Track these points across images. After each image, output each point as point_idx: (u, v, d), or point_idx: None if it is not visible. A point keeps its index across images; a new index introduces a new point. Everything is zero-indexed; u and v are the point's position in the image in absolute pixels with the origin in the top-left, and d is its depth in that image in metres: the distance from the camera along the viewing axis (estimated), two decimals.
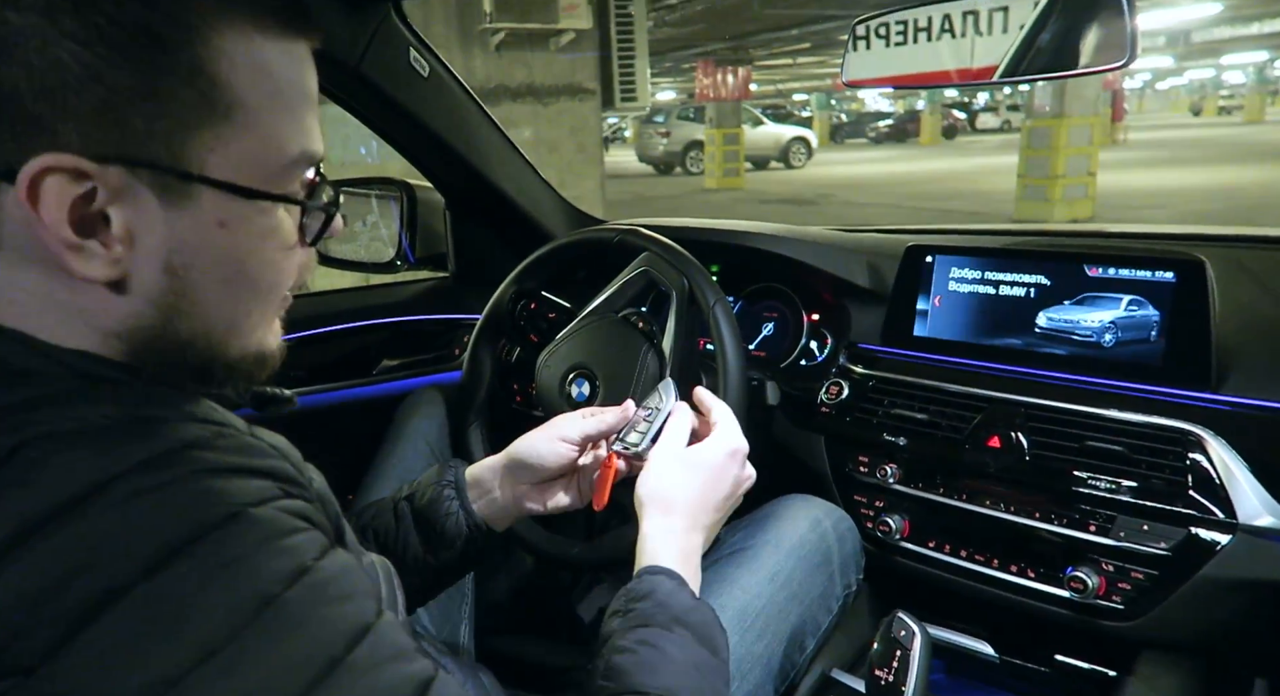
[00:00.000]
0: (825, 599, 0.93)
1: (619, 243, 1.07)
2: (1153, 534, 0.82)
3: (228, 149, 0.41)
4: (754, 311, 1.28)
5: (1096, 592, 0.84)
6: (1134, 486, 0.83)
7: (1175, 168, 11.54)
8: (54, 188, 0.37)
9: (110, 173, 0.38)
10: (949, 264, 1.05)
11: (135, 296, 0.41)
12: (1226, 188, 9.10)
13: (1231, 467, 0.79)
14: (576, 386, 1.03)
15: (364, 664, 0.36)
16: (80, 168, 0.37)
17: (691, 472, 0.69)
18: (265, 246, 0.44)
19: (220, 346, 0.45)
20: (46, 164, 0.37)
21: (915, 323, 1.07)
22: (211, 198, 0.41)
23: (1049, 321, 0.97)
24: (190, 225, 0.41)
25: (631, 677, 0.52)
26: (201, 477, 0.36)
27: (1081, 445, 0.88)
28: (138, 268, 0.40)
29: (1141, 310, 0.90)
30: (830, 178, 13.36)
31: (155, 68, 0.38)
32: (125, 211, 0.39)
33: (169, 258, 0.41)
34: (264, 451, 0.40)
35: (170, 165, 0.39)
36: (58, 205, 0.37)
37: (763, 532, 0.94)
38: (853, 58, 0.95)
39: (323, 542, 0.39)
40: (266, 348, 0.48)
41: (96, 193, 0.38)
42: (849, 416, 1.07)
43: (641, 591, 0.59)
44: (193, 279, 0.42)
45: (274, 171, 0.43)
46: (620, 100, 6.21)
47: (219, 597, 0.34)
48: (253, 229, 0.43)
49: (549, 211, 1.40)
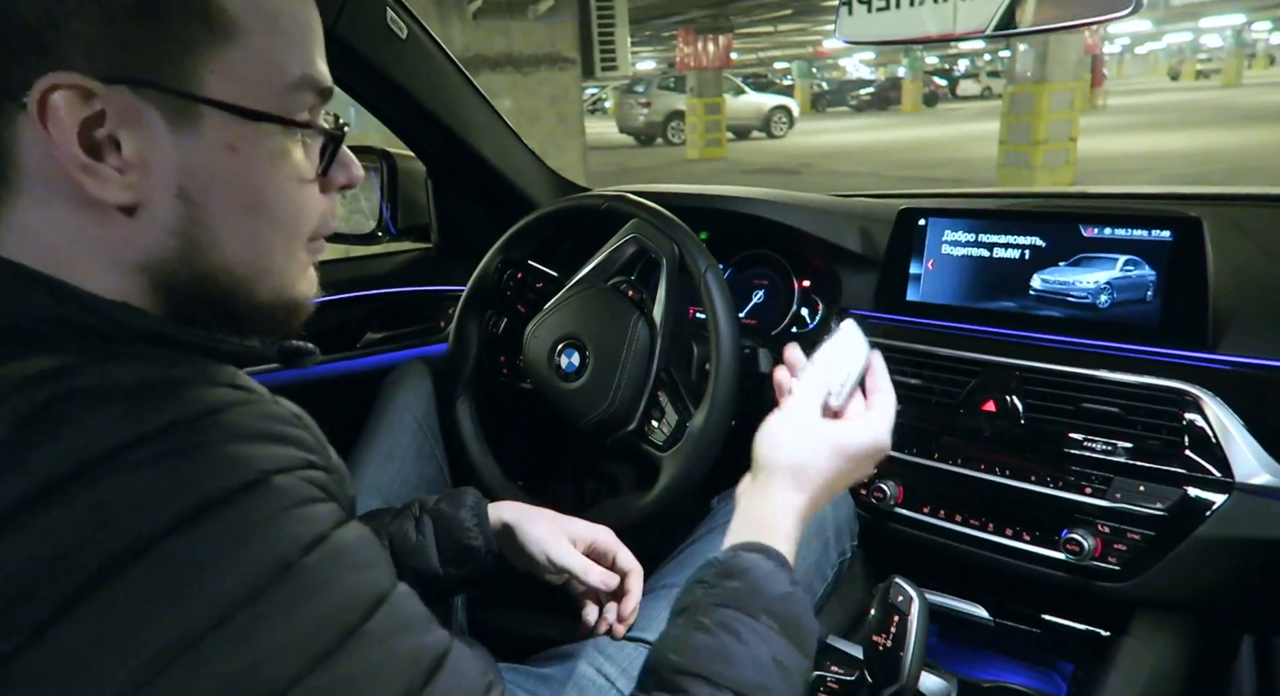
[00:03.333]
0: (820, 566, 0.93)
1: (607, 209, 1.05)
2: (1149, 494, 0.81)
3: (229, 71, 0.41)
4: (744, 278, 1.26)
5: (1092, 554, 0.84)
6: (1130, 447, 0.83)
7: (1154, 132, 11.57)
8: (62, 106, 0.38)
9: (116, 93, 0.39)
10: (942, 227, 1.04)
11: (153, 224, 0.41)
12: (1205, 151, 9.14)
13: (1228, 426, 0.79)
14: (566, 357, 1.02)
15: (381, 632, 0.36)
16: (86, 86, 0.38)
17: (839, 453, 0.61)
18: (278, 174, 0.44)
19: (246, 284, 0.45)
20: (53, 82, 0.38)
21: (908, 287, 1.06)
22: (217, 120, 0.41)
23: (1044, 283, 0.96)
24: (200, 149, 0.41)
25: (704, 661, 0.50)
26: (228, 442, 0.36)
27: (1077, 407, 0.87)
28: (152, 193, 0.41)
29: (1138, 270, 0.89)
30: (813, 146, 13.29)
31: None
32: (134, 135, 0.40)
33: (182, 182, 0.41)
34: (289, 420, 0.40)
35: (173, 86, 0.40)
36: (68, 124, 0.38)
37: None
38: (845, 19, 0.92)
39: (340, 513, 0.39)
40: (299, 293, 0.48)
41: (105, 116, 0.39)
42: None
43: (736, 567, 0.55)
44: (208, 206, 0.42)
45: (277, 95, 0.43)
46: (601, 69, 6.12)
47: (238, 561, 0.34)
48: (263, 154, 0.43)
49: (534, 179, 1.37)
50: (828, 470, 0.61)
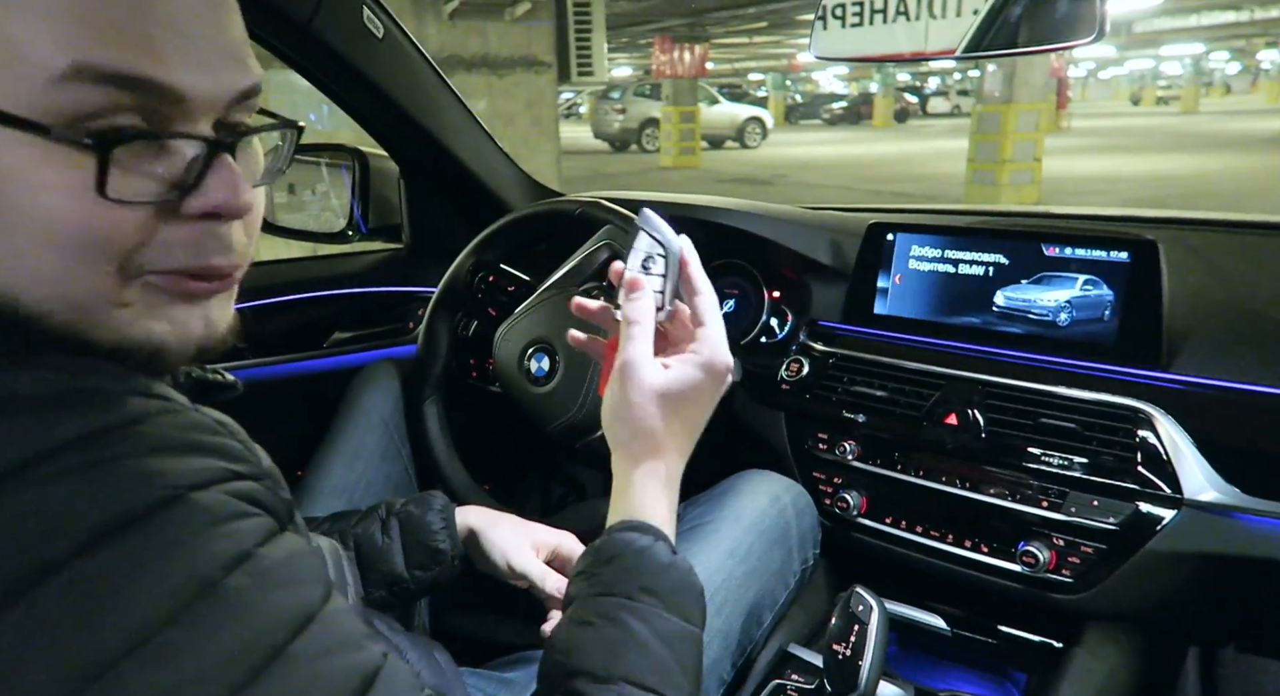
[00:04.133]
0: (783, 574, 0.94)
1: (581, 215, 1.05)
2: (1102, 509, 0.84)
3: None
4: (715, 288, 1.26)
5: (1047, 567, 0.86)
6: (1085, 463, 0.85)
7: (1116, 155, 11.89)
8: None
9: None
10: (910, 242, 1.06)
11: None
12: (1163, 175, 9.42)
13: (1179, 444, 0.81)
14: (536, 361, 1.01)
15: (308, 653, 0.35)
16: None
17: (678, 402, 0.58)
18: (32, 188, 0.35)
19: (47, 319, 0.37)
20: None
21: (876, 300, 1.08)
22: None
23: (1007, 300, 0.98)
24: None
25: (587, 656, 0.49)
26: (143, 455, 0.33)
27: (1036, 422, 0.89)
28: None
29: (1096, 290, 0.92)
30: (785, 158, 13.43)
31: None
32: None
33: None
34: (211, 428, 0.37)
35: None
36: None
37: (722, 508, 0.94)
38: (820, 34, 0.94)
39: (269, 527, 0.37)
40: (149, 337, 0.40)
41: None
42: (809, 393, 1.07)
43: (608, 553, 0.54)
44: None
45: (32, 92, 0.34)
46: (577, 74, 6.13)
47: (154, 582, 0.32)
48: (22, 167, 0.35)
49: (508, 182, 1.37)
50: (675, 423, 0.58)
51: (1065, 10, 0.66)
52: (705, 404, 0.61)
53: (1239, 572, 0.81)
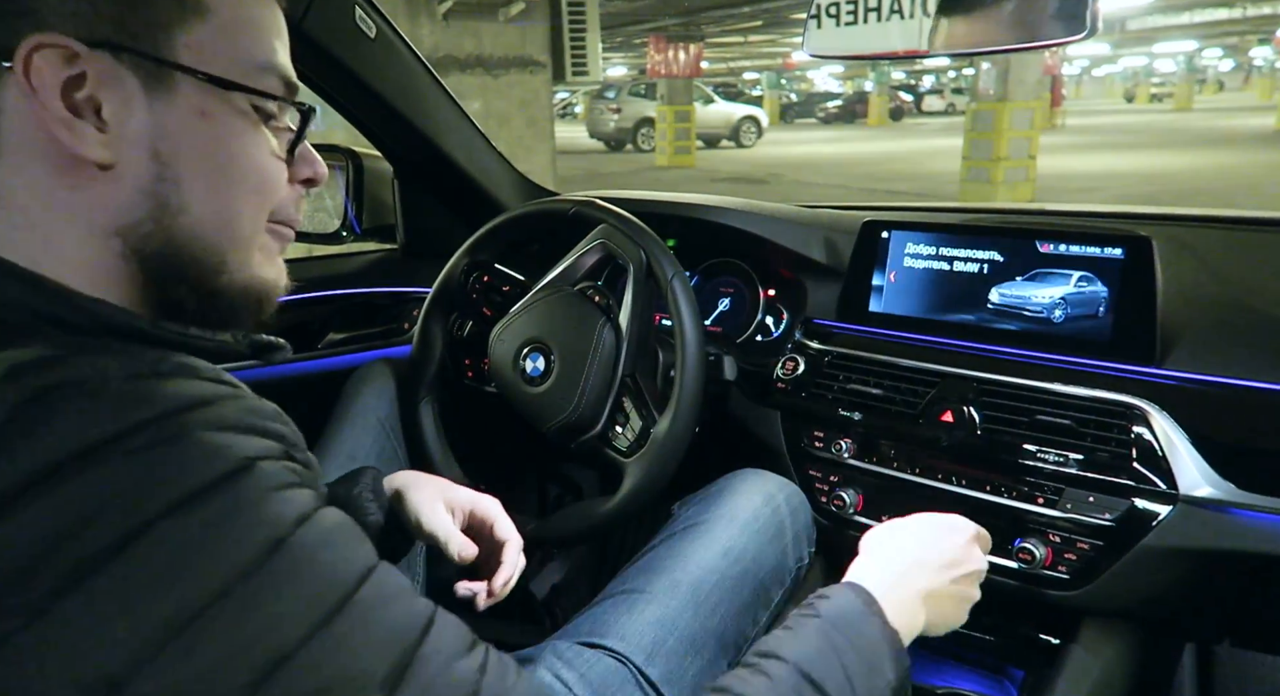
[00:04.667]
0: (778, 572, 0.94)
1: (575, 214, 1.05)
2: (1098, 505, 0.84)
3: (200, 44, 0.45)
4: (710, 286, 1.27)
5: (1043, 563, 0.86)
6: (1081, 459, 0.85)
7: (1109, 152, 11.92)
8: (45, 65, 0.41)
9: (97, 57, 0.42)
10: (904, 239, 1.06)
11: (126, 183, 0.43)
12: (1157, 173, 9.44)
13: (1173, 440, 0.81)
14: (531, 361, 1.01)
15: (374, 600, 0.39)
16: (70, 47, 0.41)
17: (905, 530, 0.74)
18: (246, 142, 0.47)
19: (215, 255, 0.46)
20: (39, 41, 0.40)
21: (870, 298, 1.08)
22: (189, 88, 0.44)
23: (1001, 297, 0.98)
24: (172, 114, 0.44)
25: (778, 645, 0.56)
26: (216, 432, 0.38)
27: (1031, 419, 0.89)
28: (127, 153, 0.43)
29: (1090, 286, 0.92)
30: (781, 157, 13.43)
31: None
32: (112, 97, 0.42)
33: (154, 144, 0.44)
34: (271, 415, 0.42)
35: (149, 53, 0.43)
36: (51, 82, 0.41)
37: (716, 507, 0.94)
38: (813, 33, 0.94)
39: (320, 497, 0.41)
40: (267, 276, 0.50)
41: (85, 78, 0.42)
42: (804, 392, 1.07)
43: (825, 593, 0.63)
44: (179, 167, 0.44)
45: (245, 72, 0.46)
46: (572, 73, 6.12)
47: (233, 539, 0.36)
48: (232, 121, 0.46)
49: (502, 182, 1.37)
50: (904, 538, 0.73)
51: (1057, 7, 0.66)
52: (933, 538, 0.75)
53: (1234, 568, 0.81)
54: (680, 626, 0.79)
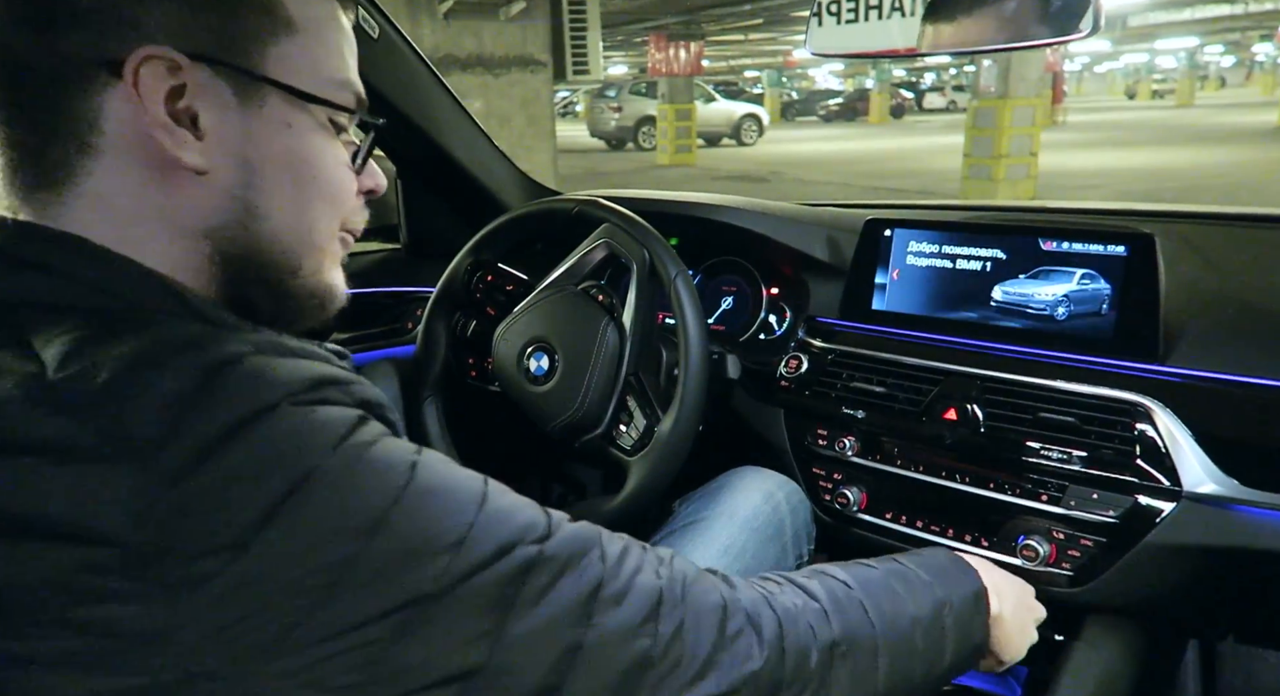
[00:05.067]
0: (779, 570, 0.94)
1: (578, 213, 1.05)
2: (1102, 502, 0.84)
3: (288, 60, 0.48)
4: (713, 285, 1.27)
5: (1047, 560, 0.86)
6: (1084, 456, 0.85)
7: (1111, 149, 11.90)
8: (151, 76, 0.43)
9: (197, 69, 0.45)
10: (907, 237, 1.06)
11: (217, 188, 0.47)
12: (1159, 169, 9.43)
13: (1177, 437, 0.81)
14: (535, 360, 1.02)
15: (498, 496, 0.46)
16: (174, 60, 0.44)
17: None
18: (324, 153, 0.51)
19: (291, 258, 0.50)
20: (148, 53, 0.43)
21: (874, 296, 1.08)
22: (277, 99, 0.48)
23: (1004, 295, 0.98)
24: (261, 124, 0.47)
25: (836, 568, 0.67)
26: (350, 401, 0.44)
27: (1035, 417, 0.89)
28: (219, 159, 0.46)
29: (1094, 284, 0.92)
30: (782, 155, 13.42)
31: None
32: (210, 107, 0.45)
33: (244, 152, 0.47)
34: (386, 404, 0.47)
35: (244, 66, 0.46)
36: (156, 92, 0.44)
37: (716, 505, 0.94)
38: (815, 31, 0.94)
39: None
40: (332, 279, 0.53)
41: (185, 89, 0.44)
42: (808, 390, 1.07)
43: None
44: (265, 174, 0.48)
45: (324, 87, 0.50)
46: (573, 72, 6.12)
47: (384, 468, 0.41)
48: (312, 135, 0.50)
49: (505, 181, 1.37)
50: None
51: (1060, 5, 0.66)
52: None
53: (1238, 564, 0.81)
54: None
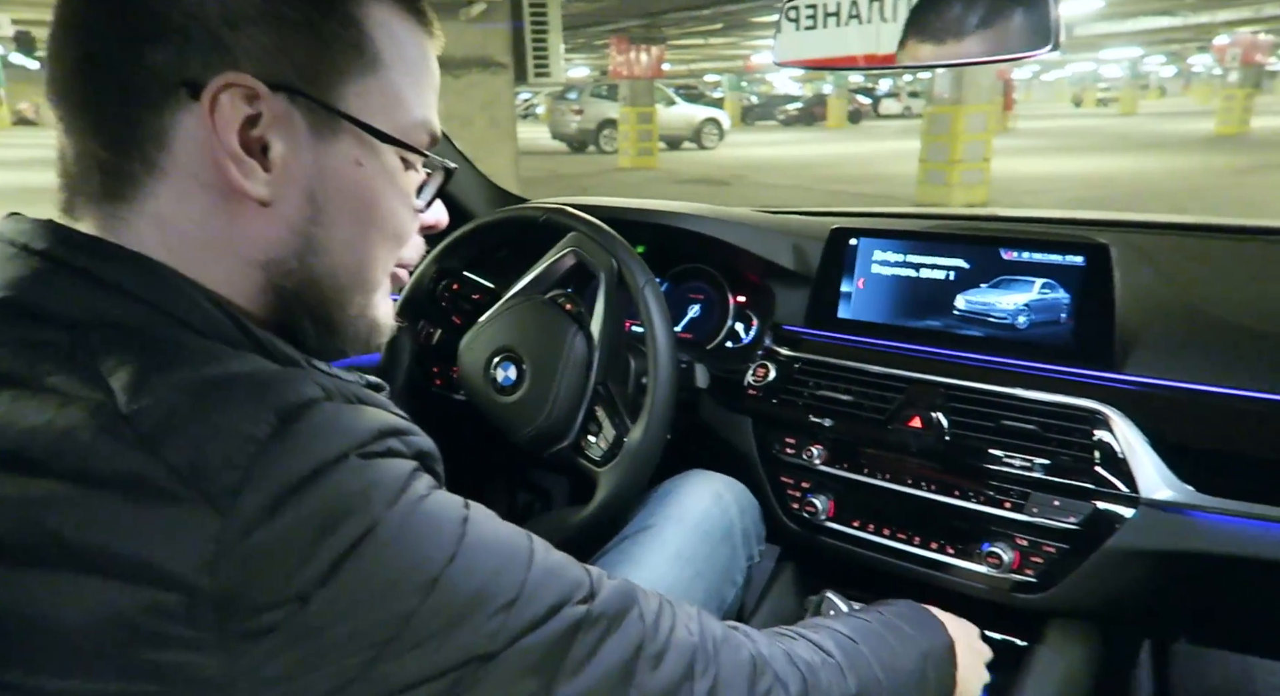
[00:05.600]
0: (729, 572, 0.95)
1: (545, 221, 1.04)
2: (1063, 509, 0.85)
3: (368, 96, 0.47)
4: (680, 292, 1.27)
5: (1011, 566, 0.87)
6: (1046, 463, 0.87)
7: (1059, 155, 12.23)
8: (229, 103, 0.42)
9: (275, 99, 0.43)
10: (872, 246, 1.07)
11: (280, 221, 0.46)
12: (1105, 175, 9.71)
13: (1134, 444, 0.83)
14: (502, 370, 1.00)
15: (544, 553, 0.47)
16: (254, 89, 0.42)
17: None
18: (391, 193, 0.49)
19: (344, 294, 0.49)
20: (229, 80, 0.42)
21: (839, 304, 1.09)
22: (351, 136, 0.46)
23: (967, 304, 1.00)
24: (332, 159, 0.46)
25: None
26: (408, 455, 0.43)
27: (998, 424, 0.91)
28: (286, 192, 0.45)
29: (1053, 293, 0.94)
30: (742, 159, 13.52)
31: (323, 12, 0.44)
32: (282, 138, 0.44)
33: (311, 186, 0.46)
34: (438, 457, 0.47)
35: (323, 100, 0.45)
36: (232, 119, 0.42)
37: (664, 509, 0.94)
38: (779, 40, 0.94)
39: None
40: (381, 313, 0.53)
41: (261, 117, 0.43)
42: (775, 398, 1.08)
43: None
44: (329, 210, 0.47)
45: (401, 127, 0.48)
46: (534, 74, 6.08)
47: (440, 525, 0.42)
48: (382, 173, 0.48)
49: (469, 188, 1.35)
50: None
51: (1020, 20, 0.67)
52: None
53: (1195, 568, 0.84)
54: None
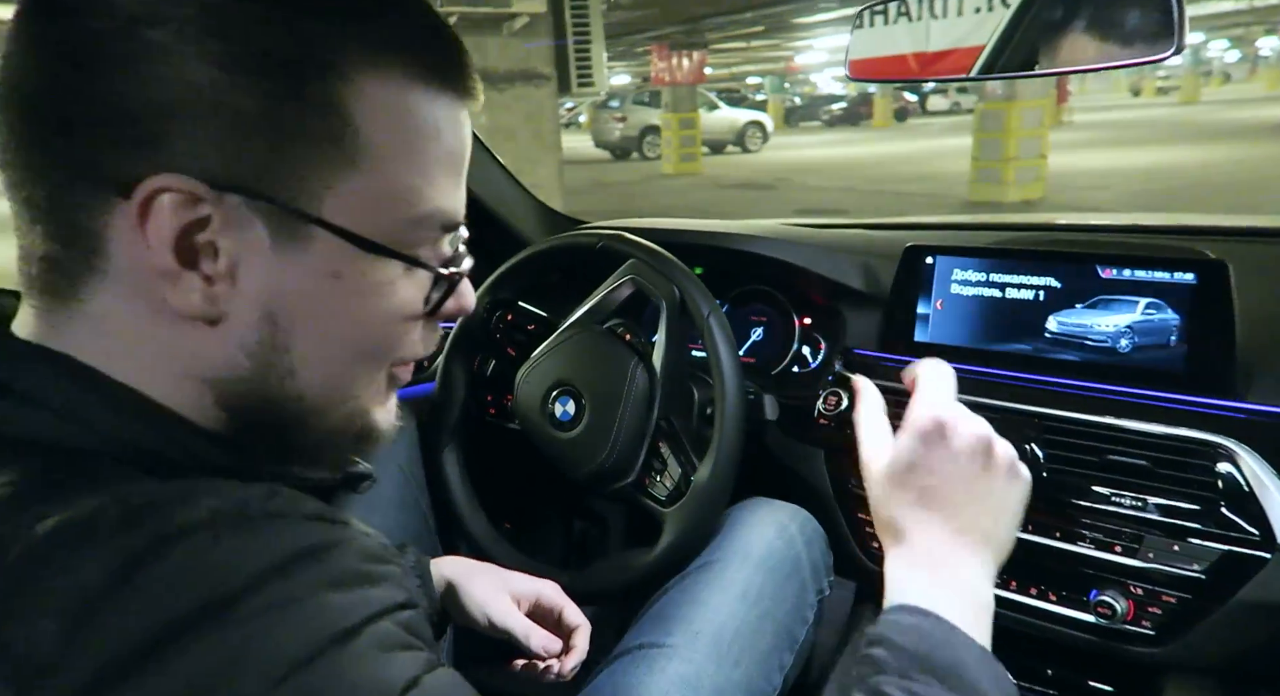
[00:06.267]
0: (799, 609, 0.89)
1: (601, 248, 0.99)
2: (1184, 555, 0.77)
3: (350, 194, 0.38)
4: (741, 315, 1.21)
5: (1125, 617, 0.79)
6: (1161, 503, 0.79)
7: (1118, 148, 11.81)
8: (165, 209, 0.35)
9: (226, 201, 0.36)
10: (950, 265, 1.00)
11: (230, 342, 0.39)
12: (1167, 167, 9.33)
13: (1265, 481, 0.75)
14: (560, 404, 0.96)
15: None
16: (196, 192, 0.35)
17: (907, 475, 0.55)
18: (379, 308, 0.41)
19: (316, 413, 0.42)
20: (163, 184, 0.35)
21: (916, 327, 1.02)
22: (326, 244, 0.38)
23: (1060, 325, 0.92)
24: (300, 271, 0.38)
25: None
26: (326, 592, 0.33)
27: (1102, 459, 0.83)
28: (236, 310, 0.38)
29: (1160, 313, 0.86)
30: (787, 161, 13.38)
31: (287, 98, 0.36)
32: (234, 245, 0.37)
33: (270, 304, 0.38)
34: (382, 556, 0.37)
35: (288, 202, 0.37)
36: (167, 229, 0.36)
37: (727, 543, 0.89)
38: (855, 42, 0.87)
39: (429, 658, 0.36)
40: (373, 420, 0.45)
41: (209, 221, 0.36)
42: (849, 428, 1.00)
43: (875, 635, 0.50)
44: (294, 334, 0.39)
45: (398, 227, 0.40)
46: (576, 85, 6.09)
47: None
48: (367, 285, 0.40)
49: (523, 214, 1.31)
50: (907, 501, 0.55)
51: (1137, 22, 0.60)
52: (940, 471, 0.55)
53: None
54: (705, 682, 0.75)
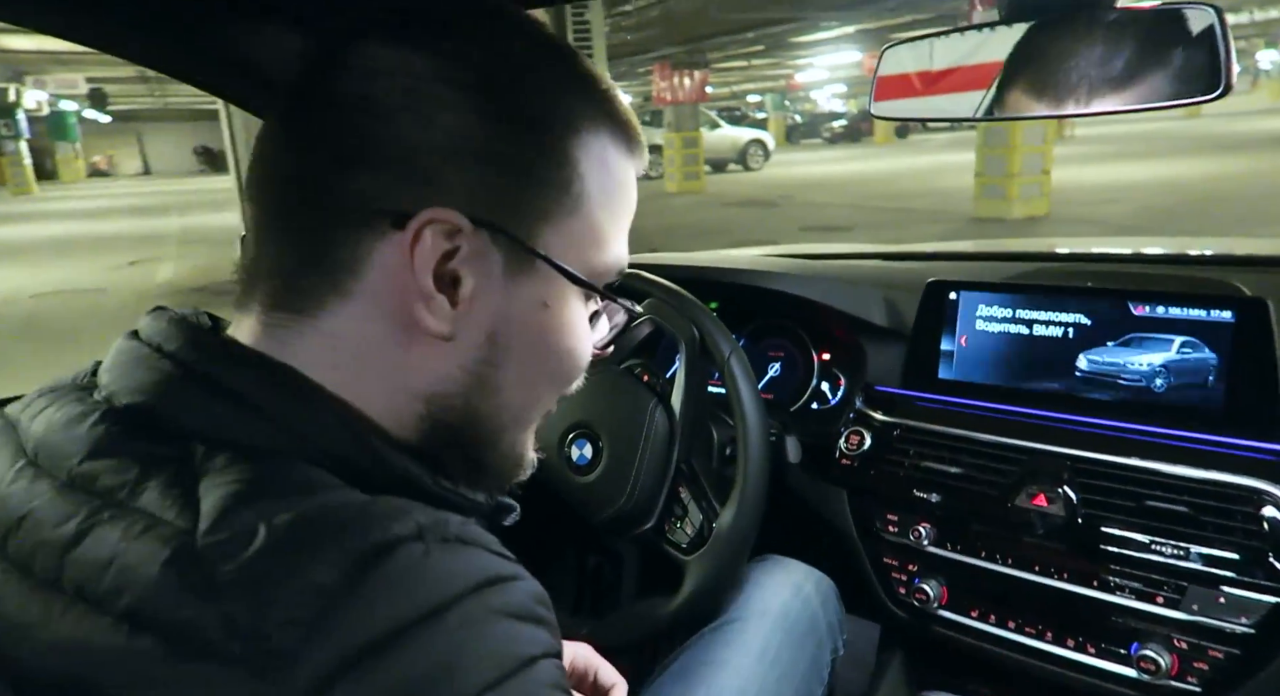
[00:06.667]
0: (816, 668, 0.88)
1: (618, 286, 0.97)
2: (1231, 607, 0.74)
3: (567, 235, 0.44)
4: (759, 350, 1.19)
5: (1169, 673, 0.76)
6: (1204, 553, 0.75)
7: (1122, 162, 11.80)
8: (431, 237, 0.40)
9: (477, 236, 0.41)
10: (975, 300, 0.97)
11: (455, 357, 0.43)
12: (1174, 181, 9.31)
13: None
14: (577, 448, 0.93)
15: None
16: (458, 225, 0.40)
17: None
18: (573, 336, 0.46)
19: (500, 434, 0.47)
20: (434, 216, 0.40)
21: (940, 364, 0.99)
22: (543, 277, 0.44)
23: (1091, 364, 0.89)
24: (520, 299, 0.43)
25: None
26: (508, 621, 0.36)
27: (1140, 504, 0.80)
28: (468, 330, 0.43)
29: (1196, 352, 0.83)
30: (789, 179, 13.40)
31: (538, 150, 0.42)
32: (475, 275, 0.42)
33: (494, 325, 0.43)
34: (544, 599, 0.39)
35: (523, 238, 0.42)
36: (430, 255, 0.40)
37: (747, 602, 0.88)
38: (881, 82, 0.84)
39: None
40: (526, 450, 0.50)
41: (459, 251, 0.41)
42: (873, 469, 0.98)
43: None
44: (508, 352, 0.44)
45: (591, 268, 0.45)
46: None
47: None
48: (567, 314, 0.45)
49: None
50: None
51: (1181, 63, 0.57)
52: None
53: None
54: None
